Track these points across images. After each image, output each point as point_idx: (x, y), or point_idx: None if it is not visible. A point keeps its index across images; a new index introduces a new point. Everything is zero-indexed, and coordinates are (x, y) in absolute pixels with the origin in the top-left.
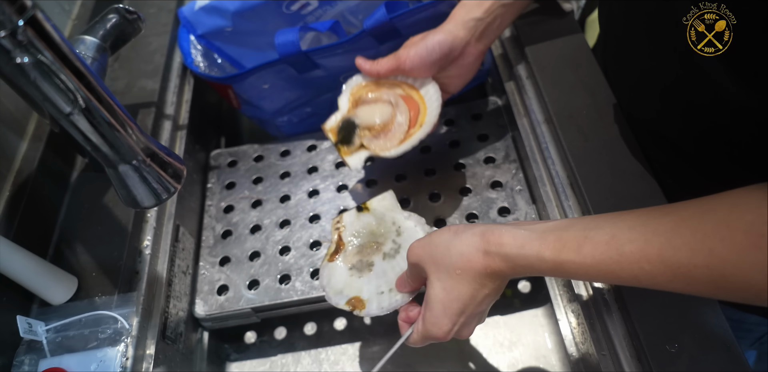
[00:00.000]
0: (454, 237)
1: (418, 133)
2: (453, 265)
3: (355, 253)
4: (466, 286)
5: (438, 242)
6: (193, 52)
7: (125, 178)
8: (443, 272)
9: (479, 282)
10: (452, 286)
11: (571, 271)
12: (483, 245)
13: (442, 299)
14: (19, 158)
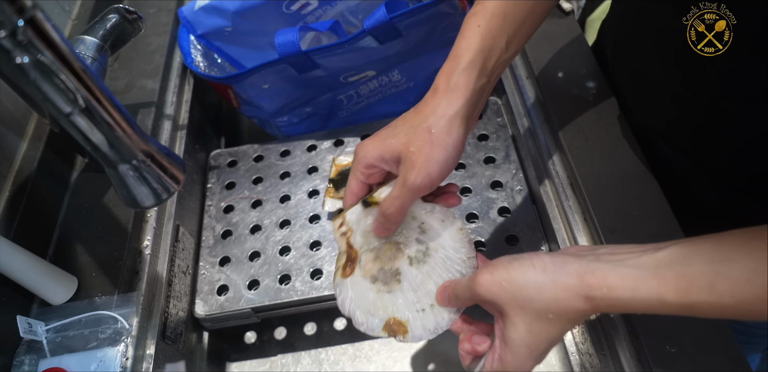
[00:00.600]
0: (544, 277)
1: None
2: (545, 310)
3: (372, 260)
4: (558, 328)
5: (523, 283)
6: (193, 52)
7: (125, 178)
8: (531, 315)
9: (573, 323)
10: (541, 329)
11: (702, 312)
12: (584, 290)
13: (528, 343)
14: (19, 158)
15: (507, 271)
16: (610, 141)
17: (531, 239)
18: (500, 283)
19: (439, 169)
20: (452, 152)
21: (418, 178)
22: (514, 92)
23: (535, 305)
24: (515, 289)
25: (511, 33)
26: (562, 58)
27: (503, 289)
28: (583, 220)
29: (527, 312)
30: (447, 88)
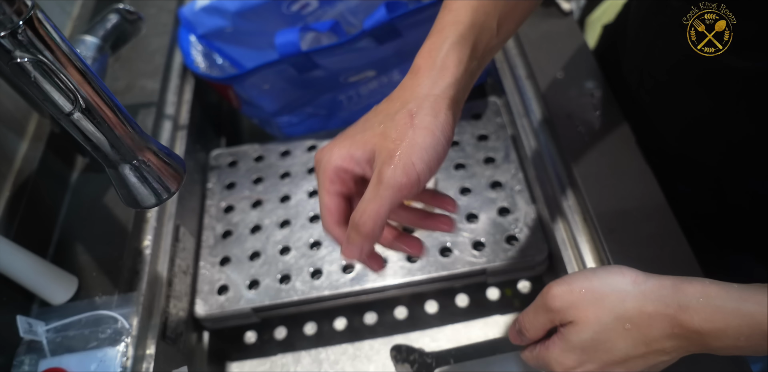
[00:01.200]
0: (634, 287)
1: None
2: (625, 319)
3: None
4: (628, 343)
5: (608, 290)
6: (193, 53)
7: (125, 178)
8: (604, 323)
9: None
10: (608, 338)
11: None
12: (678, 298)
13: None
14: (19, 158)
15: (589, 280)
16: (610, 141)
17: (531, 239)
18: (580, 291)
19: (425, 158)
20: (440, 137)
21: (397, 171)
22: (514, 92)
23: (614, 313)
24: (596, 296)
25: (503, 14)
26: (561, 58)
27: (582, 296)
28: (583, 220)
29: (602, 319)
30: (432, 66)
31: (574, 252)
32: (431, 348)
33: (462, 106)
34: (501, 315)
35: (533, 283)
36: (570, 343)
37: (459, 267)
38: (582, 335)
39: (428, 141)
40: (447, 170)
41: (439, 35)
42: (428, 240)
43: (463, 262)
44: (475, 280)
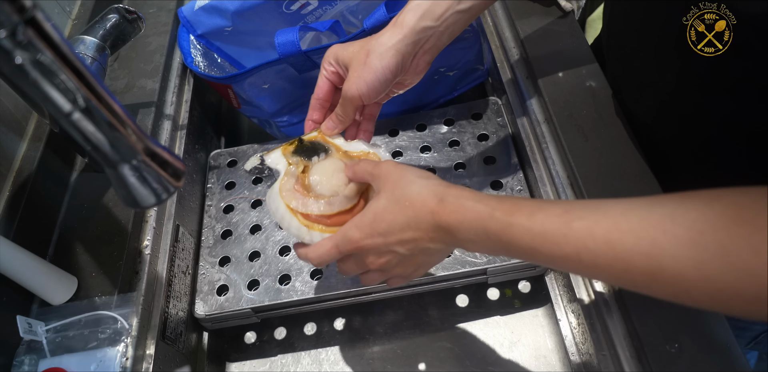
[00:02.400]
0: (425, 179)
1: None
2: (406, 197)
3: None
4: (404, 218)
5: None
6: (193, 52)
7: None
8: (394, 196)
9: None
10: (392, 210)
11: (517, 235)
12: (442, 193)
13: (376, 212)
14: (19, 158)
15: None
16: (610, 141)
17: None
18: (394, 171)
19: (366, 88)
20: (380, 76)
21: (350, 91)
22: (514, 92)
23: (402, 190)
24: (400, 174)
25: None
26: (562, 58)
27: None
28: None
29: (394, 192)
30: (393, 23)
31: None
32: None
33: (426, 59)
34: (501, 315)
35: (534, 283)
36: (369, 206)
37: (459, 267)
38: (379, 202)
39: (370, 77)
40: (447, 170)
41: (407, 4)
42: None
43: (463, 262)
44: (476, 280)
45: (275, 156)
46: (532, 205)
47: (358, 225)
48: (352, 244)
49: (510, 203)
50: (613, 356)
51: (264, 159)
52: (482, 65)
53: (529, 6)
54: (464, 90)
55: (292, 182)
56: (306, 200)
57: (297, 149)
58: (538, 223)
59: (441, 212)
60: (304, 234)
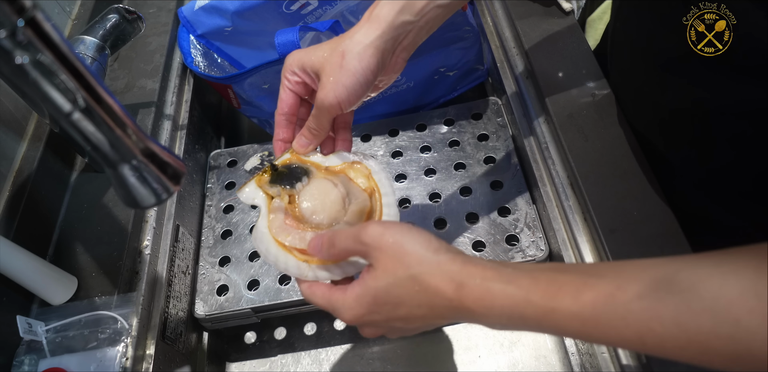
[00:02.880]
0: (434, 255)
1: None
2: (415, 280)
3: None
4: (413, 303)
5: (410, 249)
6: (192, 52)
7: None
8: (399, 277)
9: (429, 308)
10: (398, 293)
11: (562, 321)
12: (461, 276)
13: (376, 296)
14: (19, 158)
15: (401, 235)
16: (610, 141)
17: (531, 239)
18: (389, 240)
19: (346, 93)
20: (360, 79)
21: (327, 99)
22: (514, 92)
23: (408, 272)
24: (400, 251)
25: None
26: (562, 58)
27: (388, 245)
28: (583, 220)
29: (397, 273)
30: (368, 18)
31: (574, 252)
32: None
33: (402, 56)
34: None
35: None
36: (367, 287)
37: None
38: (378, 282)
39: (349, 81)
40: (447, 170)
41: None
42: None
43: None
44: None
45: (250, 190)
46: (575, 282)
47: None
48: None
49: (546, 281)
50: (613, 356)
51: (238, 196)
52: (482, 65)
53: (529, 6)
54: (464, 90)
55: (281, 217)
56: (303, 234)
57: (273, 178)
58: (587, 307)
59: (463, 300)
60: (305, 271)
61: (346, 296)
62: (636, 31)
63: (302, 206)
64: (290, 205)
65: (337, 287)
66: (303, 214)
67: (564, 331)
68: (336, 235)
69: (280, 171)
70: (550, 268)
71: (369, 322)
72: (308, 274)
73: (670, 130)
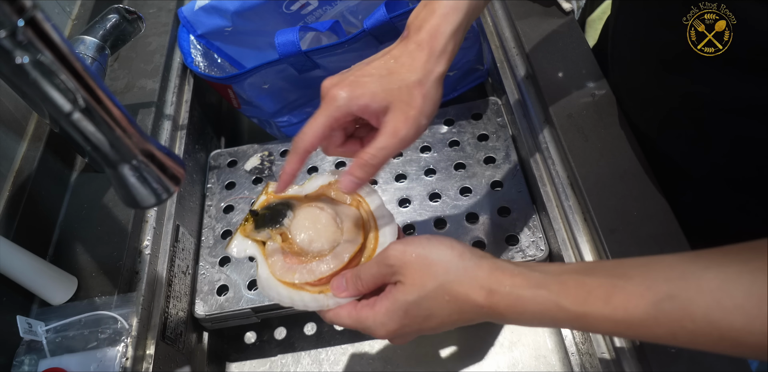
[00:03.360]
0: (459, 261)
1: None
2: (444, 289)
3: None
4: (444, 312)
5: (435, 260)
6: (193, 52)
7: (125, 178)
8: (428, 289)
9: (460, 315)
10: (429, 306)
11: (594, 324)
12: (490, 283)
13: (408, 309)
14: (19, 158)
15: (422, 247)
16: (610, 141)
17: (531, 239)
18: (412, 254)
19: (426, 123)
20: (437, 107)
21: (411, 130)
22: (514, 92)
23: (437, 281)
24: (425, 262)
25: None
26: (562, 58)
27: (412, 259)
28: (583, 220)
29: (426, 285)
30: (436, 47)
31: (574, 252)
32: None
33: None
34: None
35: None
36: (397, 301)
37: None
38: (408, 296)
39: (432, 109)
40: (447, 170)
41: (444, 19)
42: None
43: None
44: None
45: (239, 242)
46: (604, 285)
47: (384, 321)
48: (374, 334)
49: (575, 285)
50: (613, 356)
51: (228, 252)
52: (482, 65)
53: (529, 6)
54: (464, 90)
55: (280, 258)
56: (310, 266)
57: (258, 223)
58: (619, 310)
59: (494, 307)
60: (324, 302)
61: (376, 313)
62: (637, 31)
63: (298, 240)
64: (285, 243)
65: (363, 304)
66: (301, 246)
67: (595, 331)
68: (359, 268)
69: (261, 214)
70: (576, 271)
71: (401, 335)
72: (329, 304)
73: (671, 129)
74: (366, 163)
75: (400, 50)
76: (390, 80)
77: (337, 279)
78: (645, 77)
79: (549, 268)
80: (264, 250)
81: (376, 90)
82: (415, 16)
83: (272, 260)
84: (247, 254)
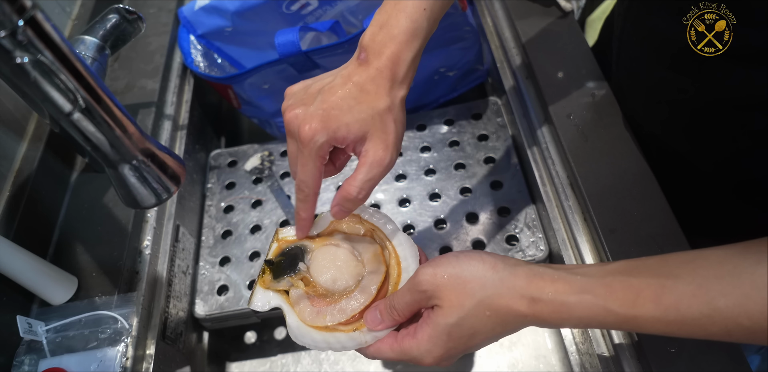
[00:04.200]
0: (493, 273)
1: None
2: (484, 305)
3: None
4: (487, 328)
5: (469, 277)
6: (193, 52)
7: (125, 178)
8: (467, 308)
9: (503, 327)
10: (471, 324)
11: (644, 326)
12: (531, 291)
13: (451, 332)
14: (19, 158)
15: (452, 266)
16: (610, 141)
17: (531, 239)
18: (443, 276)
19: (400, 145)
20: (405, 129)
21: (394, 156)
22: (514, 92)
23: (475, 299)
24: (459, 282)
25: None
26: (562, 58)
27: (445, 281)
28: (583, 220)
29: (465, 304)
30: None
31: (574, 252)
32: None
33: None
34: None
35: None
36: (438, 326)
37: None
38: (449, 319)
39: (403, 131)
40: (447, 170)
41: (405, 46)
42: (430, 240)
43: None
44: None
45: (261, 296)
46: (652, 286)
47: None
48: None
49: (622, 288)
50: (613, 356)
51: (251, 308)
52: (482, 65)
53: (529, 6)
54: (464, 90)
55: (307, 303)
56: (339, 305)
57: (276, 273)
58: (671, 310)
59: (537, 315)
60: (362, 338)
61: (419, 341)
62: (641, 31)
63: (321, 281)
64: (308, 288)
65: (403, 334)
66: (326, 287)
67: (646, 332)
68: (391, 298)
69: (277, 262)
70: (620, 272)
71: (448, 358)
72: (366, 340)
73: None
74: (354, 198)
75: (363, 77)
76: (360, 110)
77: (371, 312)
78: (651, 75)
79: (590, 270)
80: (288, 299)
81: (349, 121)
82: (371, 38)
83: (299, 307)
84: (271, 306)
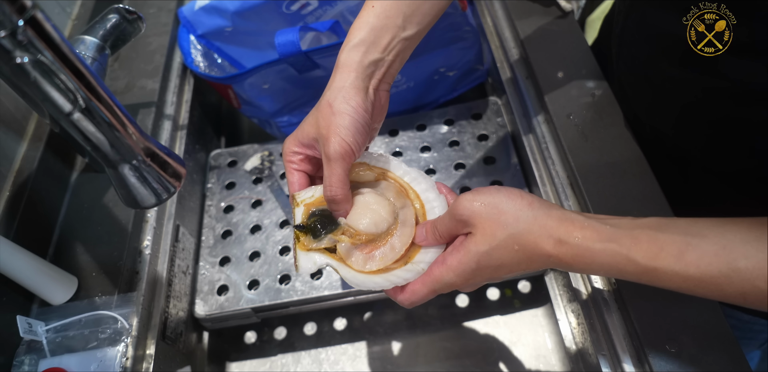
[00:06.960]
0: (529, 210)
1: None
2: (514, 239)
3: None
4: (513, 261)
5: (505, 208)
6: (193, 52)
7: (125, 178)
8: (498, 239)
9: (528, 263)
10: (500, 256)
11: (663, 279)
12: (559, 233)
13: (479, 260)
14: (19, 158)
15: (492, 196)
16: (610, 141)
17: None
18: (482, 203)
19: (350, 134)
20: (356, 117)
21: (335, 146)
22: (514, 92)
23: (507, 231)
24: (495, 211)
25: (408, 13)
26: (562, 58)
27: (482, 209)
28: None
29: (497, 235)
30: (339, 65)
31: None
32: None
33: (381, 88)
34: (501, 315)
35: (533, 283)
36: (469, 253)
37: None
38: (480, 247)
39: (347, 121)
40: (447, 170)
41: (346, 41)
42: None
43: None
44: None
45: (305, 260)
46: (677, 242)
47: (458, 273)
48: (452, 288)
49: (647, 240)
50: (613, 356)
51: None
52: (482, 65)
53: (529, 6)
54: (464, 90)
55: (358, 254)
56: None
57: (315, 233)
58: (691, 267)
59: (562, 257)
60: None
61: (449, 266)
62: (642, 29)
63: (363, 228)
64: (353, 239)
65: (431, 268)
66: (370, 232)
67: (663, 286)
68: (435, 221)
69: (311, 223)
70: (649, 226)
71: (473, 284)
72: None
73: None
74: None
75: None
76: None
77: (420, 229)
78: (654, 74)
79: (620, 222)
80: (331, 255)
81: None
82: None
83: (352, 260)
84: (319, 265)
